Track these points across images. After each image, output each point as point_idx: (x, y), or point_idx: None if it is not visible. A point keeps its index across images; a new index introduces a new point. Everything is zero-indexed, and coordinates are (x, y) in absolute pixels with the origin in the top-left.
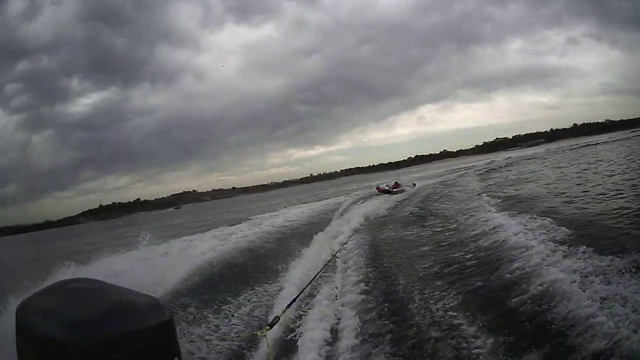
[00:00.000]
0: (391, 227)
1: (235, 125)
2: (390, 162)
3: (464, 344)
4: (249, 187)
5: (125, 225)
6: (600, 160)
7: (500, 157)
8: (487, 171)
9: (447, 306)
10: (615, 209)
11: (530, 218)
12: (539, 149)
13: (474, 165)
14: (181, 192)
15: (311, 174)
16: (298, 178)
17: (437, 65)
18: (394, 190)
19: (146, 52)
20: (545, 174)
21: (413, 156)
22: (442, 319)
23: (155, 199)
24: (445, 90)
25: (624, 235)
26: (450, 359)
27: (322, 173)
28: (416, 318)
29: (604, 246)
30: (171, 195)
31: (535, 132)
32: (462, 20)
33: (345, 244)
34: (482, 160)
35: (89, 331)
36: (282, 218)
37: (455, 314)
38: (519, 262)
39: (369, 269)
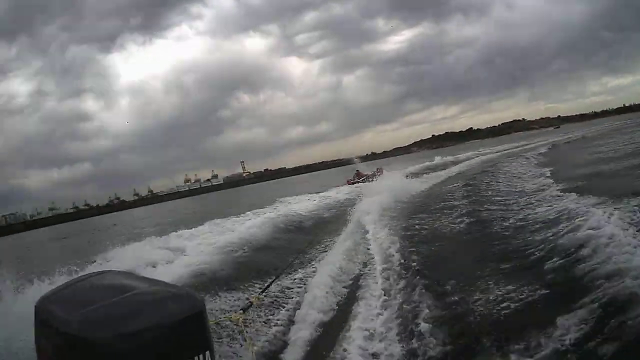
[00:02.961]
0: None
1: (554, 52)
2: None
3: None
4: (573, 116)
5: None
6: None
7: None
8: None
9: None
10: None
11: None
12: None
13: None
14: (511, 120)
15: (624, 105)
16: (614, 108)
17: None
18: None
19: None
20: None
21: None
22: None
23: (486, 128)
24: None
25: None
26: None
27: (633, 104)
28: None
29: None
30: (501, 124)
31: None
32: None
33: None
34: None
35: (112, 326)
36: None
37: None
38: None
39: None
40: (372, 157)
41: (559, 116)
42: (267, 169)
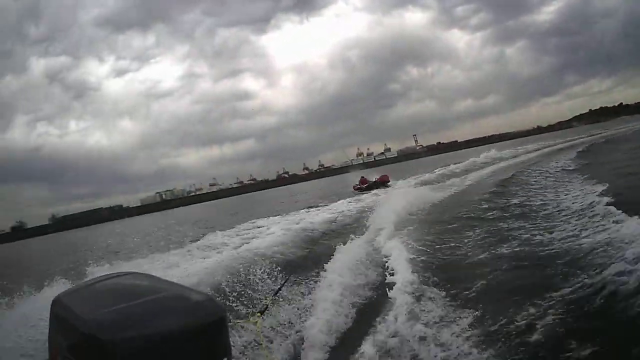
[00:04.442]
0: None
1: None
2: None
3: None
4: None
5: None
6: None
7: None
8: None
9: None
10: None
11: None
12: None
13: None
14: None
15: None
16: None
17: None
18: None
19: None
20: None
21: None
22: None
23: (635, 103)
24: None
25: None
26: None
27: None
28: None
29: None
30: None
31: None
32: None
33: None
34: None
35: (128, 328)
36: None
37: None
38: None
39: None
40: (538, 131)
41: None
42: (439, 142)
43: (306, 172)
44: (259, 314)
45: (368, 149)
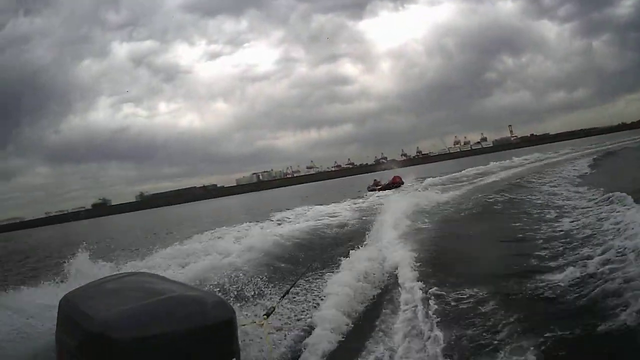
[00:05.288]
0: None
1: None
2: None
3: None
4: None
5: None
6: None
7: None
8: None
9: None
10: None
11: None
12: None
13: None
14: None
15: None
16: None
17: None
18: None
19: None
20: None
21: None
22: None
23: None
24: None
25: None
26: None
27: None
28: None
29: None
30: None
31: None
32: None
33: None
34: None
35: (137, 327)
36: None
37: None
38: None
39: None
40: (622, 127)
41: None
42: (532, 134)
43: (404, 158)
44: (265, 317)
45: (465, 137)
